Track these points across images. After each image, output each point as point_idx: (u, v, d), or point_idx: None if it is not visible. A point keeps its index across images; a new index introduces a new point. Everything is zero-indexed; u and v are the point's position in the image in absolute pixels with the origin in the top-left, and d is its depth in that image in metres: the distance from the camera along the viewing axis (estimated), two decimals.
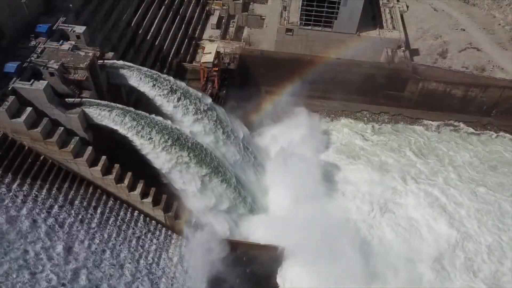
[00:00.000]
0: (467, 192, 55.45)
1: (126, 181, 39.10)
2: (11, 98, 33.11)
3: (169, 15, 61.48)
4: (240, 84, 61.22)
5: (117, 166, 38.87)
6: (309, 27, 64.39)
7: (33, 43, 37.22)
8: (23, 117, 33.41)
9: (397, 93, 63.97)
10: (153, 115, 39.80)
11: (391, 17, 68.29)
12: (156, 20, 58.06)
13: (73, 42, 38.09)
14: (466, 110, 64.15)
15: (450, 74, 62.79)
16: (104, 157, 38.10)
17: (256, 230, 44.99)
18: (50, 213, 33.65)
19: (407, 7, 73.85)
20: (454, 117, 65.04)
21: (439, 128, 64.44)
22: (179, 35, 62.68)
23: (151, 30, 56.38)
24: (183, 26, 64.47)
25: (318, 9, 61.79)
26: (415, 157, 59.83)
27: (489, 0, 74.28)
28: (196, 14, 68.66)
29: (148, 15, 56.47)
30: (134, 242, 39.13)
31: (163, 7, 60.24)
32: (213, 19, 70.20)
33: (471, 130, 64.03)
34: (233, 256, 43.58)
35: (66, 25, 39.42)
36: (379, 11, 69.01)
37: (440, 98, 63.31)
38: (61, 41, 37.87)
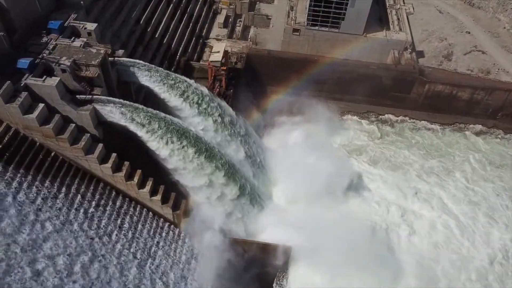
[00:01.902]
0: (487, 190, 55.77)
1: (135, 179, 39.10)
2: (24, 94, 32.98)
3: (177, 13, 61.37)
4: (247, 83, 61.26)
5: (127, 163, 38.81)
6: (316, 28, 64.62)
7: (44, 39, 37.08)
8: (36, 113, 33.26)
9: (403, 94, 64.16)
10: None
11: (398, 18, 68.44)
12: (165, 18, 57.97)
13: (84, 39, 37.93)
14: (472, 112, 64.45)
15: (456, 76, 63.02)
16: (114, 154, 38.00)
17: (264, 228, 44.96)
18: (61, 210, 33.61)
19: (413, 9, 74.01)
20: (460, 119, 65.38)
21: (445, 130, 64.68)
22: (187, 34, 62.63)
23: (160, 28, 56.28)
24: (191, 24, 64.40)
25: (325, 9, 62.06)
26: (422, 158, 60.01)
27: (494, 3, 74.60)
28: (203, 12, 68.62)
29: (157, 13, 56.30)
30: (142, 238, 39.23)
31: (171, 5, 60.14)
32: (220, 18, 70.24)
33: (476, 131, 64.37)
34: (239, 255, 43.54)
35: (78, 22, 39.20)
36: (386, 13, 69.19)
37: (446, 100, 63.52)
38: (73, 37, 37.77)
